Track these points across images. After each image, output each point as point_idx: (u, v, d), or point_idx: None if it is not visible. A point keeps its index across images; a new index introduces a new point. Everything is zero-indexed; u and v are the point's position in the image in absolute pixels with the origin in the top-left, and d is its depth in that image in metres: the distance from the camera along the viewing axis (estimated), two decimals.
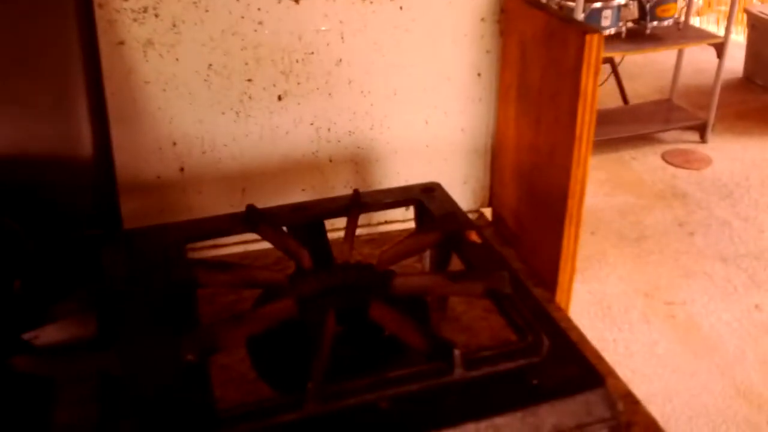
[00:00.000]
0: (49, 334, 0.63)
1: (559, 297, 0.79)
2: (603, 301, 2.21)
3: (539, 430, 0.45)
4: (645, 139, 3.34)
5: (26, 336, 0.55)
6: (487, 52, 0.86)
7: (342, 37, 0.81)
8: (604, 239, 2.54)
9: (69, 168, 0.69)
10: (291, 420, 0.44)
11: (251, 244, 0.87)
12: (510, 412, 0.45)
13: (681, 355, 1.99)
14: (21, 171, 0.67)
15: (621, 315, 2.15)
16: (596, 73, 0.69)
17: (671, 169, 3.11)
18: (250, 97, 0.81)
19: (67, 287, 0.55)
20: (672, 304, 2.21)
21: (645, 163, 3.17)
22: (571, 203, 0.73)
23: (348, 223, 0.66)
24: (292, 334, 0.55)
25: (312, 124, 0.85)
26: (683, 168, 3.11)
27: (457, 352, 0.47)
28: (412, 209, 0.77)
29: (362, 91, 0.85)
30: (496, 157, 0.91)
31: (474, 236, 0.63)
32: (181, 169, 0.83)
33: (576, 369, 0.48)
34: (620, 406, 0.48)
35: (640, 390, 0.69)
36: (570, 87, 0.70)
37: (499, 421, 0.45)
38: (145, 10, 0.74)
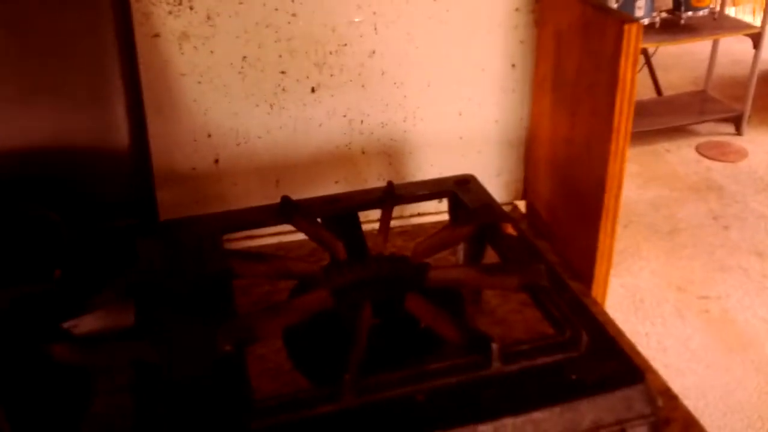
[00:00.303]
0: (87, 323, 0.64)
1: (595, 291, 0.78)
2: (636, 295, 2.18)
3: (578, 425, 0.45)
4: (679, 131, 3.29)
5: (65, 325, 0.56)
6: (522, 42, 0.85)
7: (375, 28, 0.81)
8: (637, 232, 2.51)
9: (106, 158, 0.70)
10: (327, 412, 0.44)
11: (286, 235, 0.87)
12: (548, 406, 0.44)
13: (715, 351, 1.96)
14: (59, 162, 0.68)
15: (654, 309, 2.12)
16: (635, 64, 0.68)
17: (706, 161, 3.06)
18: (283, 90, 0.81)
19: (105, 277, 0.56)
20: (706, 299, 2.17)
21: (679, 155, 3.12)
22: (608, 197, 0.72)
23: (382, 215, 0.66)
24: (328, 325, 0.55)
25: (345, 116, 0.85)
26: (718, 160, 3.06)
27: (494, 345, 0.47)
28: (445, 201, 0.76)
29: (395, 83, 0.84)
30: (530, 149, 0.90)
31: (509, 229, 0.62)
32: (216, 161, 0.83)
33: (615, 364, 0.48)
34: (660, 402, 0.47)
35: (674, 385, 0.68)
36: (607, 78, 0.69)
37: (537, 415, 0.44)
38: (180, 2, 0.75)
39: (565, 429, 0.45)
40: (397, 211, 0.91)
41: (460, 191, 0.70)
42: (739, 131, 3.25)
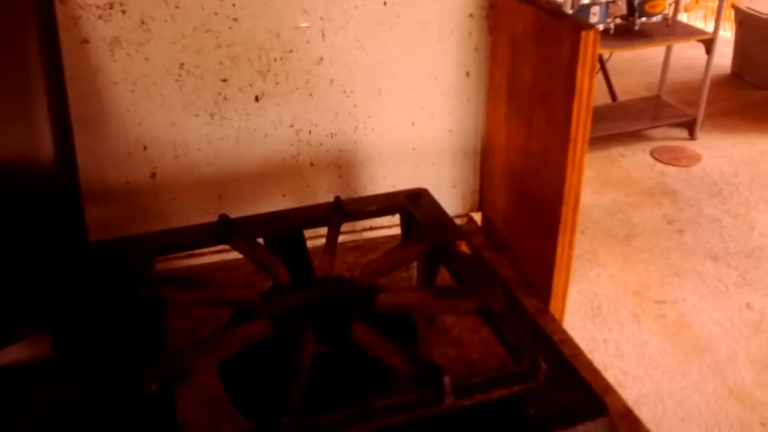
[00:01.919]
0: (5, 356, 0.59)
1: (553, 306, 0.75)
2: (593, 301, 2.18)
3: None
4: (633, 136, 3.32)
5: None
6: (476, 49, 0.82)
7: (323, 35, 0.77)
8: (593, 238, 2.51)
9: (28, 175, 0.64)
10: None
11: (229, 253, 0.82)
12: None
13: (672, 356, 1.96)
14: None
15: (611, 315, 2.12)
16: (592, 71, 0.65)
17: (660, 166, 3.09)
18: (225, 98, 0.77)
19: (27, 304, 0.51)
20: (662, 303, 2.18)
21: (634, 160, 3.14)
22: (566, 209, 0.69)
23: (329, 233, 0.62)
24: (267, 356, 0.50)
25: (292, 126, 0.80)
26: (672, 165, 3.09)
27: (446, 379, 0.43)
28: (398, 215, 0.73)
29: (345, 91, 0.80)
30: (485, 159, 0.87)
31: (463, 246, 0.59)
32: (153, 175, 0.78)
33: (576, 395, 0.44)
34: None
35: (631, 392, 0.65)
36: (564, 85, 0.66)
37: None
38: (111, 6, 0.69)
39: None
40: (348, 225, 0.88)
41: (412, 206, 0.67)
42: (692, 136, 3.30)
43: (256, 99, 0.78)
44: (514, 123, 0.77)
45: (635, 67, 4.31)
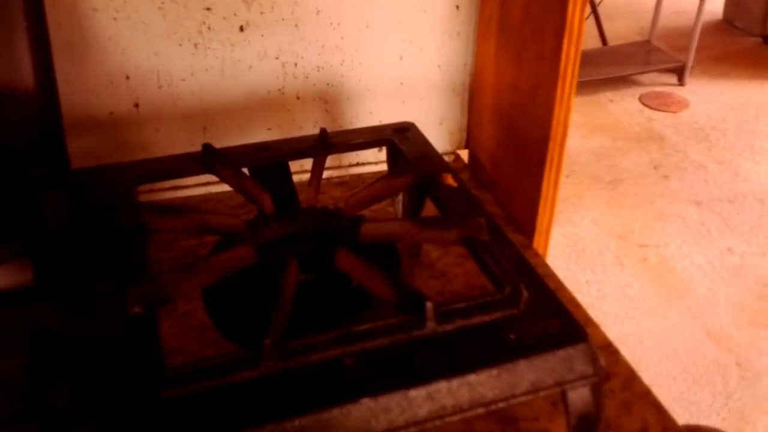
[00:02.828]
0: None
1: (537, 242, 0.76)
2: (577, 244, 2.20)
3: (516, 388, 0.42)
4: (623, 82, 3.31)
5: None
6: None
7: None
8: (579, 182, 2.52)
9: (7, 101, 0.63)
10: (246, 379, 0.41)
11: (214, 185, 0.82)
12: (485, 368, 0.42)
13: (653, 298, 2.00)
14: None
15: (594, 257, 2.15)
16: (583, 7, 0.64)
17: (648, 111, 3.09)
18: (209, 28, 0.75)
19: (4, 231, 0.50)
20: (645, 247, 2.20)
21: (622, 105, 3.14)
22: (552, 146, 0.69)
23: (314, 165, 0.62)
24: (252, 283, 0.51)
25: (277, 58, 0.79)
26: (660, 111, 3.09)
27: (429, 304, 0.44)
28: (384, 151, 0.72)
29: (331, 23, 0.79)
30: (474, 96, 0.86)
31: (449, 180, 0.59)
32: (136, 105, 0.77)
33: (557, 323, 0.45)
34: (602, 361, 0.45)
35: (612, 332, 0.67)
36: (555, 21, 0.65)
37: (473, 378, 0.41)
38: None
39: (502, 392, 0.42)
40: (334, 160, 0.87)
41: (399, 140, 0.66)
42: (681, 82, 3.29)
43: (241, 29, 0.76)
44: (504, 58, 0.76)
45: (627, 12, 4.25)
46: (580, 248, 2.18)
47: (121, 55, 0.74)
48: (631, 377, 0.61)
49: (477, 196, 0.64)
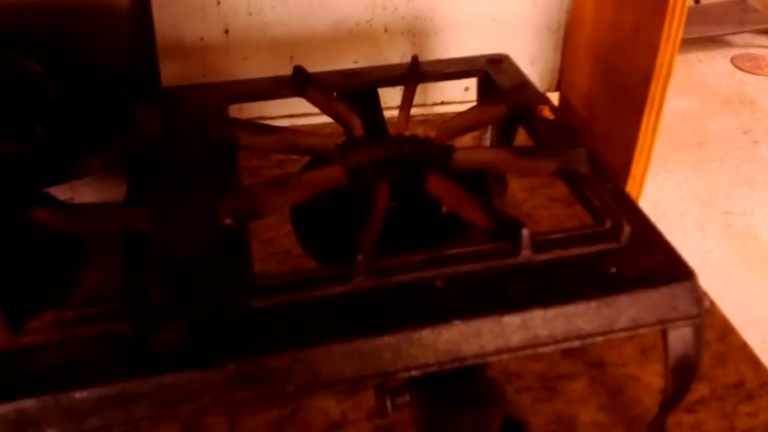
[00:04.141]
0: (84, 196, 0.60)
1: (630, 190, 0.72)
2: (658, 207, 2.12)
3: (614, 323, 0.40)
4: (714, 42, 3.15)
5: (63, 197, 0.51)
6: None
7: None
8: (663, 144, 2.42)
9: (104, 19, 0.63)
10: (336, 294, 0.40)
11: (298, 118, 0.81)
12: (583, 300, 0.40)
13: (735, 266, 1.92)
14: (52, 17, 0.61)
15: (676, 221, 2.07)
16: None
17: (740, 74, 2.94)
18: None
19: (94, 142, 0.50)
20: (730, 214, 2.11)
21: (712, 66, 2.99)
22: (655, 86, 0.65)
23: (405, 93, 0.60)
24: (341, 205, 0.50)
25: None
26: (753, 73, 2.93)
27: (525, 231, 0.42)
28: (472, 90, 0.70)
29: None
30: (569, 35, 0.82)
31: (546, 112, 0.56)
32: (226, 32, 0.76)
33: (661, 258, 0.42)
34: (707, 303, 0.43)
35: None
36: None
37: (570, 309, 0.40)
38: None
39: (600, 326, 0.40)
40: (419, 97, 0.85)
41: (493, 71, 0.63)
42: None
43: None
44: None
45: None
46: (660, 211, 2.10)
47: None
48: (727, 330, 0.59)
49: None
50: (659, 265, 0.42)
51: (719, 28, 3.10)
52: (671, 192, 2.18)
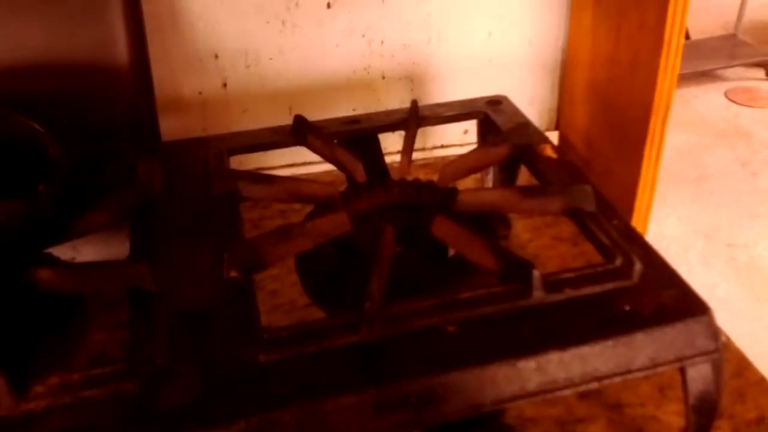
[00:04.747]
0: (86, 255, 0.59)
1: (635, 224, 0.71)
2: (661, 242, 2.08)
3: (632, 362, 0.39)
4: (707, 76, 3.17)
5: (65, 257, 0.51)
6: None
7: None
8: (662, 179, 2.41)
9: (103, 77, 0.64)
10: (346, 344, 0.39)
11: (299, 167, 0.81)
12: (599, 340, 0.39)
13: (742, 299, 1.90)
14: (52, 77, 0.62)
15: (680, 257, 2.06)
16: None
17: (734, 107, 2.96)
18: (297, 5, 0.74)
19: (94, 199, 0.50)
20: (733, 246, 2.10)
21: (707, 100, 3.01)
22: (655, 120, 0.66)
23: (406, 137, 0.60)
24: (347, 256, 0.49)
25: (364, 35, 0.78)
26: (747, 106, 2.95)
27: (536, 272, 0.41)
28: (471, 133, 0.70)
29: None
30: (566, 73, 0.82)
31: (548, 151, 0.56)
32: (224, 85, 0.77)
33: (674, 294, 0.42)
34: (724, 337, 0.42)
35: None
36: None
37: (586, 350, 0.39)
38: None
39: (618, 366, 0.39)
40: (419, 141, 0.85)
41: (492, 112, 0.64)
42: None
43: (328, 6, 0.75)
44: (600, 30, 0.72)
45: (711, 5, 4.09)
46: (664, 247, 2.07)
47: (210, 34, 0.73)
48: (744, 364, 0.57)
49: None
50: (673, 301, 0.41)
51: (711, 63, 3.13)
52: (673, 227, 2.17)
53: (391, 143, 0.68)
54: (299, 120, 0.59)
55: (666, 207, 2.28)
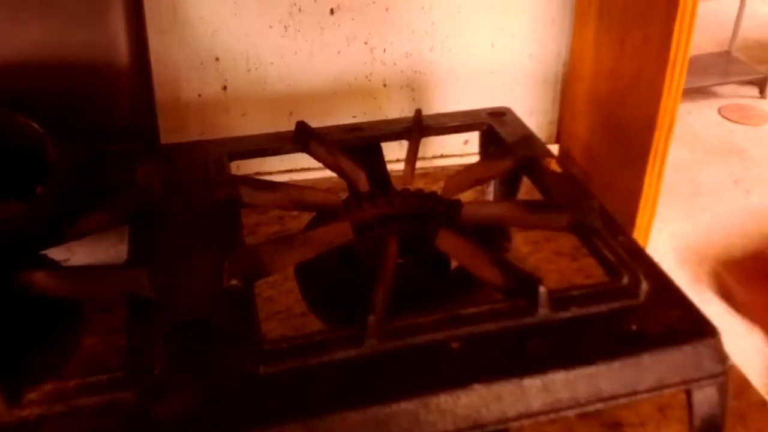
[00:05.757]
0: (80, 257, 0.58)
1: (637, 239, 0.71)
2: (654, 258, 2.11)
3: (639, 384, 0.39)
4: (701, 93, 3.19)
5: (58, 258, 0.50)
6: None
7: None
8: None
9: (104, 78, 0.63)
10: (348, 358, 0.38)
11: (298, 173, 0.80)
12: (606, 360, 0.38)
13: (732, 318, 1.90)
14: (53, 77, 0.61)
15: (671, 273, 2.06)
16: None
17: (728, 124, 2.97)
18: (300, 10, 0.73)
19: (93, 201, 0.49)
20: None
21: (701, 117, 3.03)
22: (659, 134, 0.65)
23: (410, 147, 0.59)
24: (348, 266, 0.48)
25: (366, 43, 0.77)
26: (740, 123, 2.97)
27: (542, 289, 0.40)
28: (471, 144, 0.69)
29: (423, 7, 0.76)
30: (567, 86, 0.82)
31: (553, 164, 0.55)
32: (224, 88, 0.76)
33: (681, 315, 0.41)
34: (730, 360, 0.41)
35: None
36: (664, 1, 0.61)
37: (592, 370, 0.38)
38: None
39: (624, 387, 0.38)
40: (419, 151, 0.85)
41: (496, 124, 0.63)
42: (763, 94, 3.15)
43: (331, 12, 0.74)
44: (603, 44, 0.72)
45: (706, 22, 4.11)
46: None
47: (212, 36, 0.73)
48: (745, 386, 0.57)
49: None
50: (680, 322, 0.41)
51: (705, 79, 3.14)
52: (666, 243, 2.18)
53: (392, 152, 0.68)
54: (302, 127, 0.58)
55: (659, 222, 2.27)
